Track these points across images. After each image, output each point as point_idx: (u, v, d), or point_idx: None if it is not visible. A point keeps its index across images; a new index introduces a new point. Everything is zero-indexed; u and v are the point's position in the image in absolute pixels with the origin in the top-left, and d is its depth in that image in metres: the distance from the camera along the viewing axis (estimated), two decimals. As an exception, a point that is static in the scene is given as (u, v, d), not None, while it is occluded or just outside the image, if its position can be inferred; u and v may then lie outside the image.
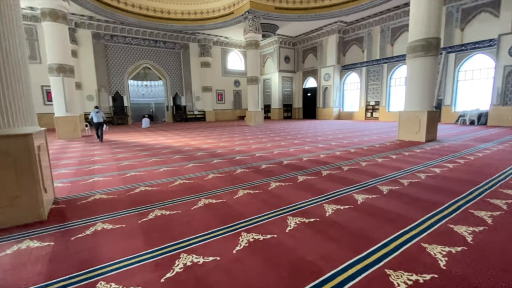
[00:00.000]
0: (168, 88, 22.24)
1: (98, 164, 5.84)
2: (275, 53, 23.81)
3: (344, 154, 6.35)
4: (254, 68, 17.03)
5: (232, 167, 5.19)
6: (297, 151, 6.89)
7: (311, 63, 23.24)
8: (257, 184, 4.02)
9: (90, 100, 19.18)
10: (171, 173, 4.83)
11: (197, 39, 22.44)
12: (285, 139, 9.59)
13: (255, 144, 8.34)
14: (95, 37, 18.72)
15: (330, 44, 20.95)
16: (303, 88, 24.50)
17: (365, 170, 4.79)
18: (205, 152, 7.12)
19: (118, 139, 10.57)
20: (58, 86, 11.19)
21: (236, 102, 25.96)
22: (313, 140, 9.16)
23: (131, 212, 3.06)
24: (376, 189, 3.69)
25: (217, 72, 24.34)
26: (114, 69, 19.80)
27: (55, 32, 10.89)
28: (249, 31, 16.32)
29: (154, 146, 8.40)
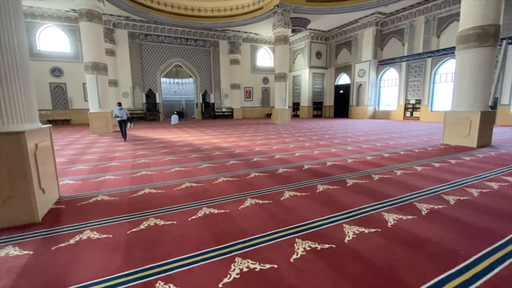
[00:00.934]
0: (198, 85, 22.54)
1: (116, 161, 5.82)
2: (306, 48, 22.87)
3: (375, 160, 5.59)
4: (282, 64, 16.42)
5: (246, 170, 4.78)
6: (321, 154, 6.27)
7: (344, 58, 21.91)
8: (268, 193, 3.56)
9: (125, 97, 20.11)
10: (181, 174, 4.57)
11: (227, 36, 22.37)
12: (310, 139, 8.94)
13: (277, 145, 7.85)
14: (130, 37, 19.54)
15: (366, 38, 19.49)
16: (335, 85, 23.25)
17: (399, 180, 4.07)
18: (223, 151, 6.82)
19: (144, 135, 10.78)
20: (92, 83, 11.74)
21: (264, 99, 25.53)
22: (342, 141, 8.39)
23: (124, 219, 2.80)
24: (412, 207, 3.02)
25: (245, 69, 24.11)
26: (148, 67, 20.53)
27: (90, 31, 11.41)
28: (278, 25, 15.73)
29: (175, 144, 8.32)
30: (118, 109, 8.95)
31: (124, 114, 8.98)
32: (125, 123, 9.05)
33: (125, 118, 9.00)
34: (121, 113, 8.94)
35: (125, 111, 9.12)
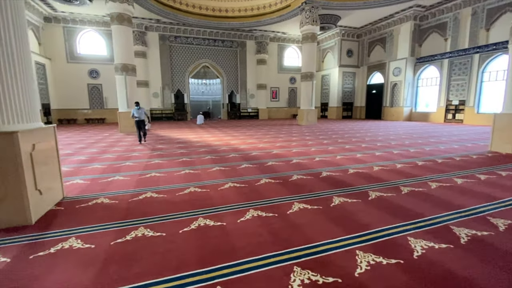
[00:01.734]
0: (225, 86, 22.66)
1: (131, 160, 5.83)
2: (336, 46, 21.86)
3: (407, 168, 4.91)
4: (309, 63, 15.77)
5: (257, 176, 4.44)
6: (344, 160, 5.70)
7: (378, 56, 20.54)
8: (275, 203, 3.18)
9: (155, 97, 20.87)
10: (189, 178, 4.37)
11: (254, 36, 22.19)
12: (335, 142, 8.32)
13: (297, 148, 7.38)
14: (161, 39, 20.21)
15: (402, 34, 18.03)
16: (367, 84, 21.92)
17: (434, 195, 3.44)
18: (239, 153, 6.54)
19: (168, 135, 10.93)
20: (121, 84, 12.22)
21: (290, 100, 24.93)
22: (370, 146, 7.67)
23: (114, 226, 2.62)
24: (448, 232, 2.45)
25: (272, 69, 23.74)
26: (177, 68, 21.08)
27: (120, 33, 11.88)
28: (305, 23, 15.14)
29: (194, 144, 8.25)
30: (136, 109, 8.25)
31: (142, 114, 8.32)
32: (144, 124, 8.39)
33: (143, 118, 8.32)
34: (139, 113, 8.26)
35: (144, 111, 8.44)
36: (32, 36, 15.87)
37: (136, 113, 8.26)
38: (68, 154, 6.68)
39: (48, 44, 17.36)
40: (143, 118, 8.39)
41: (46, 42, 17.22)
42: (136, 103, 8.48)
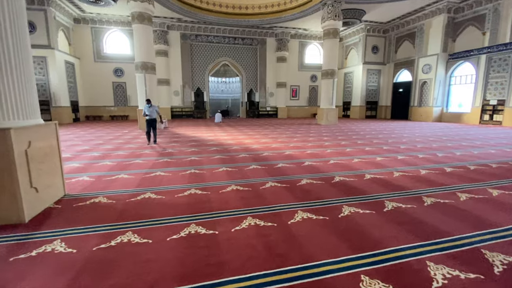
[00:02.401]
0: (244, 84, 22.54)
1: (141, 158, 5.82)
2: (360, 43, 20.87)
3: (432, 175, 4.40)
4: (331, 60, 15.14)
5: (264, 178, 4.18)
6: (362, 163, 5.27)
7: (406, 52, 19.30)
8: (277, 211, 2.91)
9: (176, 95, 21.23)
10: (192, 179, 4.21)
11: (275, 33, 21.80)
12: (354, 144, 7.82)
13: (312, 148, 7.01)
14: (182, 38, 20.48)
15: (434, 28, 16.75)
16: (393, 82, 20.71)
17: (463, 209, 2.98)
18: (250, 153, 6.31)
19: (183, 133, 10.98)
20: (141, 82, 12.47)
21: (311, 98, 24.25)
22: (393, 148, 7.09)
23: (103, 229, 2.50)
24: (478, 257, 2.04)
25: (293, 67, 23.21)
26: (197, 67, 21.28)
27: (141, 32, 12.11)
28: (327, 18, 14.52)
29: (206, 143, 8.15)
30: (147, 107, 7.51)
31: (154, 112, 7.61)
32: (155, 124, 7.67)
33: (154, 117, 7.62)
34: (151, 111, 7.54)
35: (156, 109, 7.72)
36: (62, 37, 16.74)
37: (148, 111, 7.52)
38: (85, 150, 6.84)
39: (77, 44, 18.25)
40: (155, 117, 7.68)
41: (75, 42, 18.11)
42: (147, 101, 7.73)
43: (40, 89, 15.35)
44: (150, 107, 7.62)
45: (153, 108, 7.68)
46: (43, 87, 15.38)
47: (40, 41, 14.93)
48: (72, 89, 17.41)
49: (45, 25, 14.92)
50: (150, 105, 7.64)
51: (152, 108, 7.64)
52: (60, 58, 15.82)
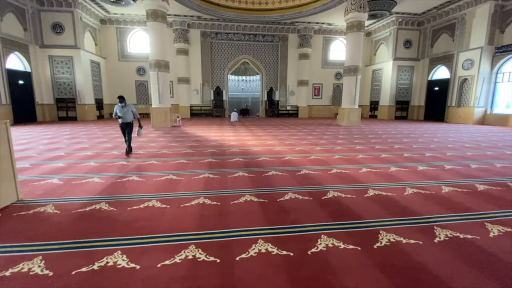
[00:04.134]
0: (264, 82, 21.93)
1: (127, 160, 5.51)
2: (391, 37, 19.16)
3: (457, 195, 3.47)
4: (355, 56, 13.95)
5: (243, 190, 3.56)
6: (369, 175, 4.43)
7: (443, 46, 17.30)
8: (231, 238, 2.30)
9: (195, 94, 21.25)
10: (164, 186, 3.74)
11: (297, 29, 20.85)
12: (370, 149, 6.87)
13: (319, 153, 6.22)
14: (202, 36, 20.40)
15: (478, 18, 14.73)
16: (428, 80, 18.74)
17: (490, 252, 2.12)
18: (245, 157, 5.72)
19: (191, 132, 10.70)
20: (154, 80, 12.44)
21: (335, 97, 22.87)
22: (416, 156, 6.06)
23: (14, 251, 2.09)
24: None
25: (316, 64, 22.07)
26: (217, 65, 21.09)
27: (155, 30, 12.06)
28: (350, 10, 13.36)
29: (207, 144, 7.71)
30: (119, 106, 5.69)
31: (128, 114, 5.77)
32: (130, 128, 5.83)
33: (129, 121, 5.78)
34: (124, 112, 5.69)
35: (131, 109, 5.86)
36: (89, 37, 17.45)
37: (120, 111, 5.67)
38: (82, 148, 6.75)
39: (103, 44, 18.97)
40: (130, 120, 5.81)
41: (101, 43, 18.83)
42: (120, 98, 5.72)
43: (66, 88, 16.13)
44: (124, 106, 5.73)
45: (127, 108, 5.78)
46: (69, 85, 16.14)
47: (68, 41, 15.65)
48: (97, 87, 18.11)
49: (72, 26, 15.60)
50: (123, 104, 5.74)
51: (126, 109, 5.76)
52: (86, 58, 16.47)
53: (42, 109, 15.64)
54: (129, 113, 5.82)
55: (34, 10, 14.76)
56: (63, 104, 16.29)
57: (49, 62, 15.62)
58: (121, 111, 5.71)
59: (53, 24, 15.37)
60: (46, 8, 15.09)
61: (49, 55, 15.52)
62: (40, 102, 15.47)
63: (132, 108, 5.91)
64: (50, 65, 15.67)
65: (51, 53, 15.54)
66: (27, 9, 14.24)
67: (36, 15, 14.90)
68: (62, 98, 16.20)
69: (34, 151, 6.25)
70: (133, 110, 5.91)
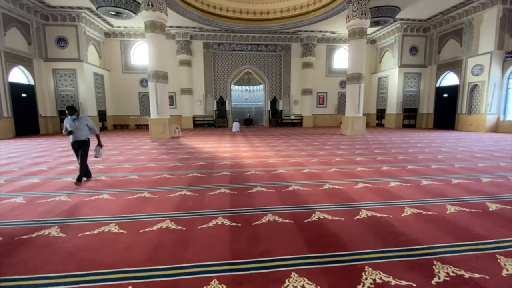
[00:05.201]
0: (267, 92, 21.73)
1: (107, 174, 5.21)
2: (396, 44, 18.74)
3: (464, 216, 2.97)
4: (357, 63, 13.56)
5: (216, 211, 3.17)
6: (365, 191, 3.96)
7: (451, 52, 16.74)
8: (180, 277, 1.91)
9: (198, 105, 21.18)
10: (133, 206, 3.39)
11: (300, 38, 20.72)
12: (372, 161, 6.38)
13: (315, 166, 5.78)
14: (205, 47, 20.49)
15: (485, 23, 14.21)
16: (436, 87, 18.10)
17: (505, 301, 1.65)
18: (233, 171, 5.34)
19: (188, 143, 10.43)
20: (153, 90, 12.34)
21: (340, 106, 22.36)
22: (420, 168, 5.54)
23: None
24: None
25: (320, 73, 21.77)
26: (219, 75, 21.05)
27: (153, 41, 12.03)
28: (352, 17, 13.08)
29: (199, 155, 7.38)
30: (70, 120, 4.36)
31: (81, 130, 4.36)
32: (85, 148, 4.49)
33: (83, 138, 4.42)
34: (75, 127, 4.33)
35: (87, 123, 4.46)
36: (93, 50, 17.73)
37: (70, 126, 4.34)
38: (68, 161, 6.52)
39: (107, 57, 19.26)
40: (85, 138, 4.42)
41: (105, 55, 19.12)
42: (69, 109, 4.33)
43: (69, 100, 16.28)
44: (76, 120, 4.34)
45: (81, 121, 4.37)
46: (72, 97, 16.29)
47: (71, 55, 15.90)
48: (101, 99, 18.25)
49: (76, 40, 15.87)
50: (76, 117, 4.35)
51: (79, 123, 4.34)
52: (89, 70, 16.66)
53: (45, 121, 15.77)
54: (83, 128, 4.40)
55: (39, 25, 15.10)
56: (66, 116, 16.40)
57: (53, 75, 15.85)
58: (72, 125, 4.33)
59: (57, 38, 15.67)
60: (51, 22, 15.43)
61: (52, 68, 15.77)
62: (43, 115, 15.61)
63: (88, 121, 4.53)
64: (54, 78, 15.89)
65: (54, 67, 15.78)
66: (31, 24, 14.57)
67: (40, 30, 15.23)
68: (65, 110, 16.31)
69: (18, 165, 6.06)
70: (89, 124, 4.52)
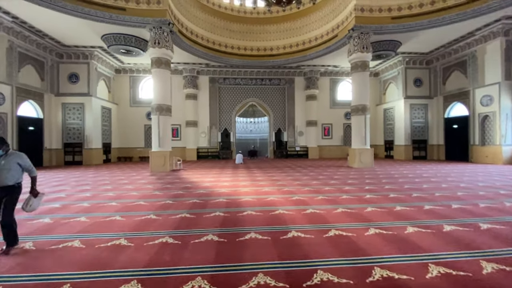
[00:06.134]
0: (271, 123, 21.69)
1: (88, 214, 4.76)
2: (399, 76, 18.82)
3: (507, 277, 2.34)
4: (361, 95, 13.44)
5: (196, 269, 2.63)
6: (379, 241, 3.36)
7: (457, 83, 16.59)
8: None
9: (203, 137, 21.14)
10: (102, 258, 2.88)
11: (303, 72, 21.15)
12: (384, 199, 5.76)
13: (319, 205, 5.20)
14: (211, 81, 21.06)
15: (489, 54, 14.19)
16: (444, 118, 17.68)
17: None
18: (226, 211, 4.81)
19: (187, 177, 10.00)
20: (155, 123, 12.31)
21: (346, 137, 21.92)
22: (440, 209, 4.89)
23: None
24: None
25: (324, 105, 21.81)
26: (224, 108, 21.30)
27: (158, 76, 12.31)
28: (354, 51, 13.26)
29: (195, 192, 6.90)
30: None
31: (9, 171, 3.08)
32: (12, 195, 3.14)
33: (9, 183, 3.08)
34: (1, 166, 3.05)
35: (18, 161, 3.17)
36: (103, 85, 18.35)
37: None
38: (54, 198, 6.13)
39: (116, 91, 19.87)
40: (12, 183, 3.11)
41: (114, 90, 19.74)
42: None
43: (76, 133, 16.45)
44: (3, 156, 3.09)
45: (8, 159, 3.10)
46: (78, 130, 16.46)
47: (81, 89, 16.42)
48: (106, 131, 18.41)
49: (87, 76, 16.50)
50: (3, 153, 3.09)
51: (5, 161, 3.08)
52: (97, 104, 17.05)
53: (50, 153, 15.79)
54: (12, 168, 3.10)
55: (53, 62, 15.85)
56: (70, 149, 16.44)
57: (62, 108, 16.22)
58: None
59: (70, 74, 16.33)
60: (65, 60, 16.21)
61: (62, 102, 16.20)
62: (48, 147, 15.68)
63: (21, 159, 3.20)
64: (62, 112, 16.24)
65: (64, 101, 16.23)
66: (46, 62, 15.31)
67: (54, 67, 15.95)
68: (70, 143, 16.42)
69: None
70: (22, 162, 3.20)
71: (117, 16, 11.96)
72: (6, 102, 12.53)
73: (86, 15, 11.44)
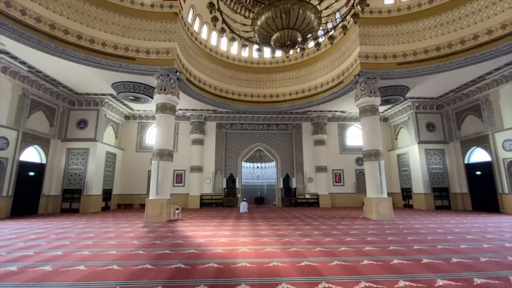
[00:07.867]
0: (279, 169, 20.85)
1: (40, 284, 3.79)
2: (410, 121, 18.30)
3: None
4: (373, 139, 12.72)
5: None
6: None
7: (473, 127, 15.82)
8: None
9: (207, 183, 20.31)
10: None
11: (310, 117, 21.03)
12: (415, 264, 4.55)
13: (334, 277, 4.07)
14: (218, 127, 21.08)
15: (504, 99, 13.68)
16: (465, 163, 16.47)
17: None
18: (218, 283, 3.75)
19: (182, 230, 8.92)
20: (155, 169, 11.71)
21: (359, 184, 20.64)
22: (495, 284, 3.69)
23: None
24: None
25: (333, 150, 21.09)
26: (230, 153, 20.86)
27: (162, 121, 12.17)
28: (361, 95, 13.00)
29: (184, 251, 5.84)
30: None
31: None
32: None
33: None
34: None
35: None
36: (111, 131, 18.50)
37: None
38: (24, 255, 5.20)
39: (123, 137, 19.97)
40: None
41: (122, 135, 19.86)
42: None
43: (76, 178, 15.99)
44: None
45: None
46: (79, 176, 16.02)
47: (88, 135, 16.47)
48: (109, 177, 17.92)
49: (95, 122, 16.71)
50: None
51: None
52: (102, 150, 16.91)
53: (47, 200, 15.13)
54: None
55: (65, 109, 16.26)
56: (69, 195, 15.78)
57: (66, 154, 16.08)
58: None
59: (79, 120, 16.59)
60: (76, 107, 16.64)
61: (67, 147, 16.12)
62: (46, 194, 15.10)
63: None
64: (67, 157, 16.06)
65: (70, 146, 16.17)
66: (58, 109, 15.69)
67: (65, 114, 16.31)
68: (69, 189, 15.85)
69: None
70: None
71: (127, 65, 12.39)
72: (9, 147, 12.41)
73: (97, 64, 11.87)
